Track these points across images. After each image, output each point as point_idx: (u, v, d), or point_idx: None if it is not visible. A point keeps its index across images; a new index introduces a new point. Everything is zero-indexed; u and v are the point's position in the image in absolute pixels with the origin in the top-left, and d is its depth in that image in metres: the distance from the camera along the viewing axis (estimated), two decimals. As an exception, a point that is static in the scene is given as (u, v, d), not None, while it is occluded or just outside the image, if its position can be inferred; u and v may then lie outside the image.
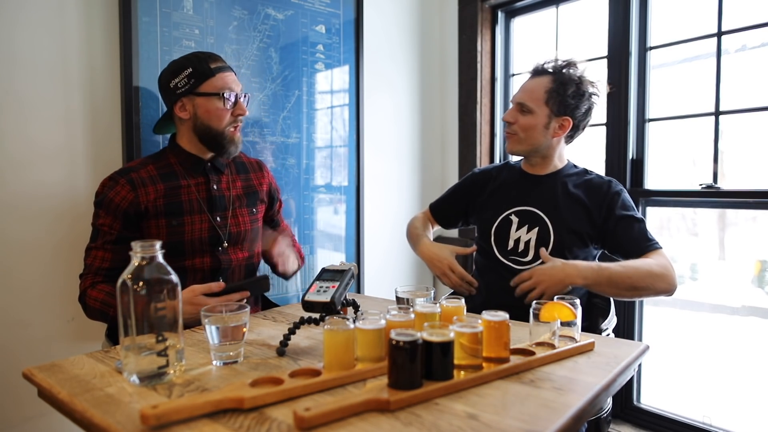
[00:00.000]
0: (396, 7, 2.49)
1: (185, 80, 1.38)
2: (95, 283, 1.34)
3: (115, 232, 1.36)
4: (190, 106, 1.40)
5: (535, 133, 1.53)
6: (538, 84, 1.53)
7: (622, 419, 2.19)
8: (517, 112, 1.54)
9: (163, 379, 0.87)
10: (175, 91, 1.40)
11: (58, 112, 1.61)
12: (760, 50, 1.94)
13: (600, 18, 2.20)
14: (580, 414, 0.77)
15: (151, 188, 1.39)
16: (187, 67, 1.39)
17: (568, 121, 1.52)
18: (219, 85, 1.39)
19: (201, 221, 1.44)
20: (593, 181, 1.55)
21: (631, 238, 1.46)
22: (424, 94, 2.64)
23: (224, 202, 1.49)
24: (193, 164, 1.46)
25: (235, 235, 1.50)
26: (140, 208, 1.37)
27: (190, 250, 1.42)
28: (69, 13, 1.61)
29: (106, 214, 1.36)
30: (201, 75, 1.38)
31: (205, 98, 1.39)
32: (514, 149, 1.57)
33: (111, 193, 1.36)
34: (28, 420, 1.59)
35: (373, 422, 0.73)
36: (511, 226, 1.56)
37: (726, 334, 2.21)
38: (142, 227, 1.39)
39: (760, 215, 2.05)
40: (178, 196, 1.42)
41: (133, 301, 0.84)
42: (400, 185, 2.56)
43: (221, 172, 1.51)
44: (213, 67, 1.40)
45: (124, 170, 1.41)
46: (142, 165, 1.43)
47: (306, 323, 1.09)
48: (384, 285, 2.45)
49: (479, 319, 0.89)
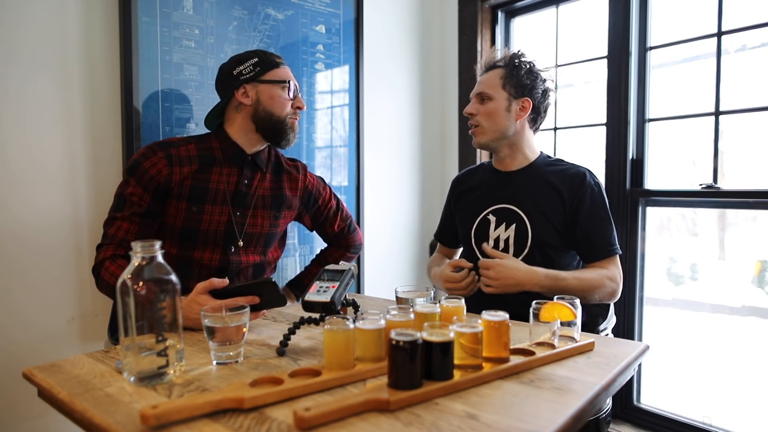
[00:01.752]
0: (396, 7, 2.49)
1: (251, 68, 1.42)
2: (116, 256, 1.31)
3: (145, 204, 1.35)
4: (254, 93, 1.43)
5: (498, 118, 1.53)
6: (493, 74, 1.56)
7: (622, 419, 2.19)
8: (477, 103, 1.56)
9: (163, 379, 0.87)
10: (239, 77, 1.42)
11: (58, 112, 1.61)
12: (760, 50, 1.94)
13: (600, 18, 2.20)
14: (580, 414, 0.77)
15: (186, 168, 1.39)
16: (253, 57, 1.44)
17: (528, 101, 1.53)
18: (283, 75, 1.45)
19: (221, 213, 1.44)
20: (569, 171, 1.54)
21: (591, 238, 1.48)
22: (424, 94, 2.64)
23: (248, 199, 1.48)
24: (235, 154, 1.46)
25: (250, 236, 1.49)
26: (170, 186, 1.37)
27: (203, 240, 1.42)
28: (69, 13, 1.61)
29: (137, 183, 1.34)
30: (267, 64, 1.44)
31: (269, 85, 1.43)
32: (481, 141, 1.56)
33: (147, 163, 1.35)
34: (28, 420, 1.59)
35: (373, 422, 0.73)
36: (489, 225, 1.56)
37: (726, 334, 2.20)
38: (164, 205, 1.39)
39: (760, 215, 2.05)
40: (207, 182, 1.42)
41: (133, 301, 0.84)
42: (400, 185, 2.56)
43: (258, 169, 1.51)
44: (278, 60, 1.47)
45: (165, 143, 1.41)
46: (183, 142, 1.44)
47: (306, 323, 1.09)
48: (384, 285, 2.45)
49: (479, 319, 0.89)
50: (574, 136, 2.39)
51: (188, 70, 1.80)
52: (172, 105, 1.77)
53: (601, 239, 1.48)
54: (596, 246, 1.48)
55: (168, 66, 1.75)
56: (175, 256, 1.40)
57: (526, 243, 1.50)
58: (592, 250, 1.49)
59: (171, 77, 1.76)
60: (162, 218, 1.39)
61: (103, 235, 1.35)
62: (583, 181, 1.51)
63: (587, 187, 1.50)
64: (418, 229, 2.65)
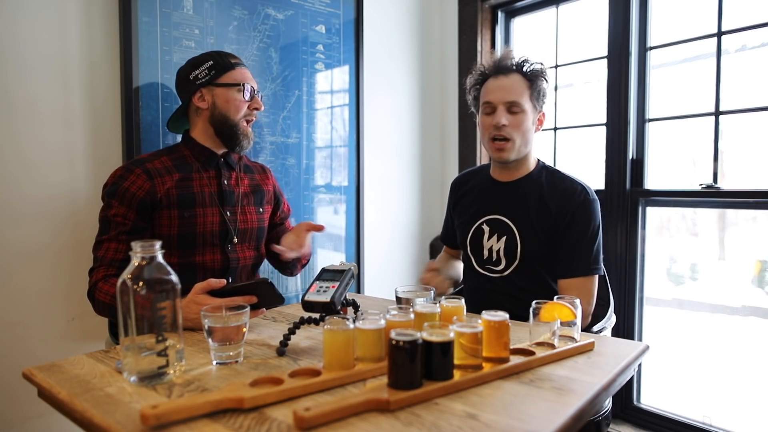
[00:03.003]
0: (396, 7, 2.49)
1: (206, 72, 1.44)
2: (108, 276, 1.32)
3: (130, 222, 1.35)
4: (209, 96, 1.45)
5: (528, 134, 1.45)
6: (517, 82, 1.44)
7: (622, 419, 2.19)
8: (507, 112, 1.43)
9: (163, 379, 0.87)
10: (195, 82, 1.44)
11: (58, 112, 1.61)
12: (760, 50, 1.94)
13: (600, 18, 2.20)
14: (580, 414, 0.77)
15: (167, 177, 1.41)
16: (208, 60, 1.45)
17: (543, 114, 1.50)
18: (238, 77, 1.45)
19: (212, 214, 1.46)
20: (564, 185, 1.47)
21: (570, 253, 1.41)
22: (424, 94, 2.64)
23: (234, 197, 1.51)
24: (207, 157, 1.49)
25: (243, 232, 1.52)
26: (156, 198, 1.38)
27: (201, 243, 1.44)
28: (69, 13, 1.61)
29: (119, 204, 1.35)
30: (222, 67, 1.44)
31: (224, 89, 1.44)
32: (509, 156, 1.45)
33: (126, 183, 1.36)
34: (28, 420, 1.59)
35: (373, 422, 0.73)
36: (483, 235, 1.54)
37: (726, 334, 2.20)
38: (154, 218, 1.40)
39: (760, 215, 2.05)
40: (191, 188, 1.44)
41: (133, 301, 0.84)
42: (400, 185, 2.56)
43: (232, 169, 1.54)
44: (233, 61, 1.47)
45: (138, 161, 1.43)
46: (155, 156, 1.46)
47: (306, 323, 1.09)
48: (384, 285, 2.45)
49: (479, 319, 0.89)
50: (574, 136, 2.39)
51: (188, 70, 1.80)
52: (172, 105, 1.76)
53: (582, 255, 1.41)
54: (569, 263, 1.42)
55: (168, 66, 1.75)
56: (177, 265, 1.40)
57: (516, 256, 1.48)
58: (571, 264, 1.41)
59: (171, 77, 1.76)
60: (155, 231, 1.40)
61: (93, 259, 1.37)
62: (574, 196, 1.44)
63: (581, 203, 1.43)
64: (418, 229, 2.65)
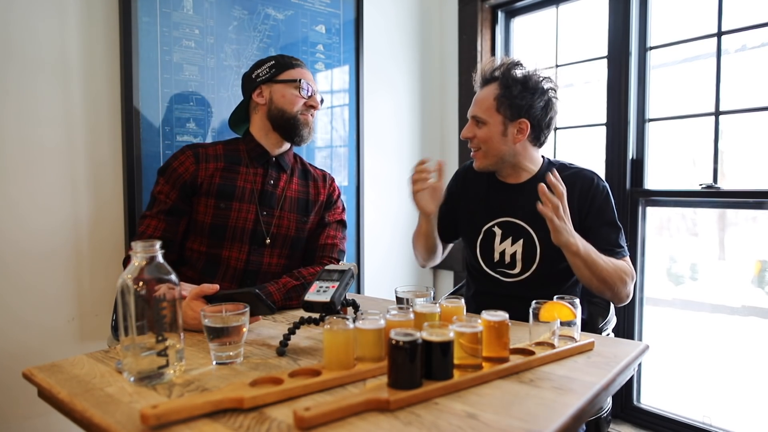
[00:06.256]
0: (396, 7, 2.49)
1: (267, 70, 1.50)
2: None
3: (171, 201, 1.40)
4: (267, 93, 1.49)
5: (494, 144, 1.44)
6: (487, 93, 1.46)
7: (622, 419, 2.19)
8: (474, 126, 1.47)
9: (163, 379, 0.87)
10: (255, 80, 1.50)
11: (58, 112, 1.61)
12: (760, 50, 1.94)
13: (600, 18, 2.20)
14: (580, 414, 0.78)
15: (212, 164, 1.45)
16: (270, 60, 1.51)
17: (525, 123, 1.43)
18: (297, 75, 1.50)
19: (248, 211, 1.47)
20: (578, 175, 1.47)
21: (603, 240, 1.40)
22: (424, 94, 2.64)
23: (274, 199, 1.51)
24: (259, 154, 1.51)
25: (276, 236, 1.50)
26: (197, 182, 1.42)
27: (230, 237, 1.45)
28: (69, 13, 1.61)
29: (165, 182, 1.42)
30: (282, 66, 1.50)
31: (282, 85, 1.48)
32: (481, 165, 1.49)
33: (175, 163, 1.43)
34: (28, 420, 1.59)
35: (373, 422, 0.73)
36: (494, 238, 1.52)
37: (726, 334, 2.20)
38: (193, 203, 1.43)
39: (760, 215, 2.05)
40: (234, 180, 1.47)
41: (133, 301, 0.84)
42: (400, 185, 2.56)
43: (283, 171, 1.55)
44: (294, 62, 1.52)
45: (194, 144, 1.50)
46: (212, 144, 1.52)
47: (306, 323, 1.09)
48: (384, 285, 2.45)
49: (479, 319, 0.89)
50: (574, 136, 2.39)
51: (188, 70, 1.80)
52: (172, 105, 1.77)
53: (607, 239, 1.40)
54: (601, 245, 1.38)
55: (168, 66, 1.75)
56: (205, 254, 1.45)
57: (535, 258, 1.46)
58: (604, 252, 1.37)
59: (171, 77, 1.76)
60: (193, 216, 1.44)
61: (136, 233, 1.42)
62: (591, 185, 1.45)
63: (597, 191, 1.44)
64: (418, 229, 2.65)
